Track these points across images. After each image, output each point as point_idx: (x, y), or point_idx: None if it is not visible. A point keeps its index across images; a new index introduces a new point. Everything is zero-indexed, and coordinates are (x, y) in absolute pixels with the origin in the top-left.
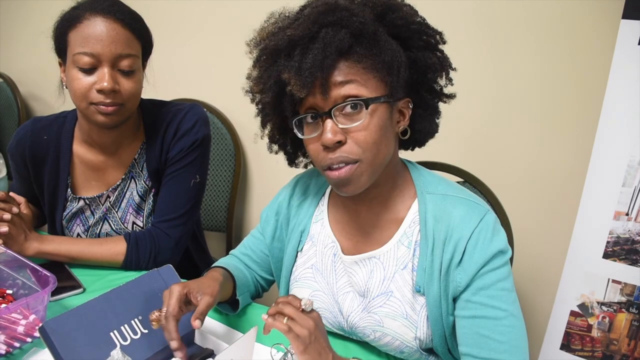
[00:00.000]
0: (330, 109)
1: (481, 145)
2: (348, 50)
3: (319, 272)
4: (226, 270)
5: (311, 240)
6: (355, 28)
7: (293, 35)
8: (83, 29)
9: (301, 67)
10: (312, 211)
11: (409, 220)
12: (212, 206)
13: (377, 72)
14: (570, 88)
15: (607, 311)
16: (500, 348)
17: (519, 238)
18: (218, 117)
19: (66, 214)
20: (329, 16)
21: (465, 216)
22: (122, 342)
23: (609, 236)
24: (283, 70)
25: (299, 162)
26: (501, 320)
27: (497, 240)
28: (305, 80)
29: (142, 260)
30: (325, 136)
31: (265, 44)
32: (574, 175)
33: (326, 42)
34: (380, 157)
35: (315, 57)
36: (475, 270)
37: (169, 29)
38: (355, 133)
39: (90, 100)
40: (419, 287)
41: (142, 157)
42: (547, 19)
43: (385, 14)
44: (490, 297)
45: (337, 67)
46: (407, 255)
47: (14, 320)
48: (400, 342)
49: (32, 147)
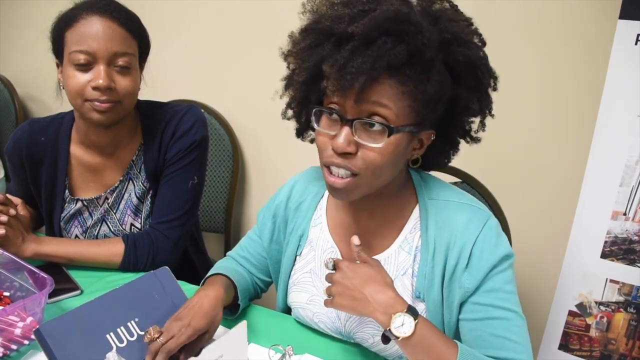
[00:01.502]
0: (354, 118)
1: (479, 146)
2: (398, 68)
3: (318, 277)
4: (227, 277)
5: (310, 245)
6: (415, 47)
7: (352, 30)
8: (79, 28)
9: (345, 66)
10: (310, 215)
11: (410, 226)
12: (210, 207)
13: (413, 101)
14: (568, 88)
15: (605, 311)
16: (517, 348)
17: (517, 238)
18: (216, 118)
19: (64, 215)
20: (395, 25)
21: (469, 222)
22: (119, 344)
23: (607, 236)
24: (327, 60)
25: (306, 136)
26: (512, 321)
27: (502, 243)
28: (344, 83)
29: (140, 261)
30: (337, 141)
31: (320, 18)
32: (571, 175)
33: (380, 52)
34: (380, 180)
35: (364, 63)
36: (484, 273)
37: (166, 30)
38: (368, 151)
39: (86, 97)
40: (418, 293)
41: (140, 159)
42: (545, 19)
43: (451, 43)
44: (499, 299)
45: (380, 81)
46: (407, 261)
47: (11, 323)
48: (398, 347)
49: (30, 148)
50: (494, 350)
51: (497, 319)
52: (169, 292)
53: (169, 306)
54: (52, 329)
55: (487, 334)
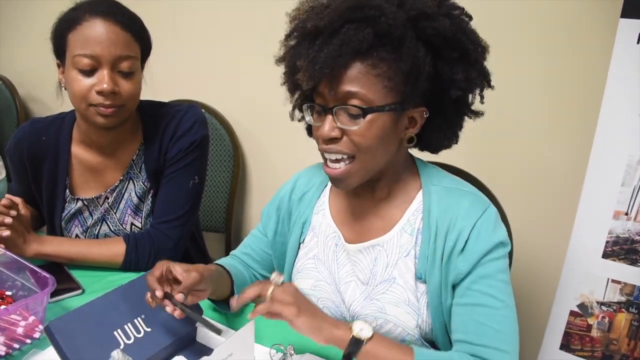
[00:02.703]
0: (333, 107)
1: (480, 144)
2: (366, 51)
3: (321, 262)
4: (222, 267)
5: (313, 231)
6: (381, 29)
7: (318, 25)
8: (82, 31)
9: (315, 59)
10: (313, 203)
11: (412, 209)
12: (211, 207)
13: (389, 81)
14: (569, 87)
15: (607, 311)
16: (497, 337)
17: (518, 237)
18: (216, 117)
19: (65, 215)
20: (357, 12)
21: (470, 207)
22: (126, 341)
23: (609, 236)
24: (299, 57)
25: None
26: (498, 310)
27: (499, 231)
28: (313, 74)
29: (141, 261)
30: (322, 129)
31: (297, 23)
32: (573, 175)
33: (345, 39)
34: (375, 161)
35: (330, 53)
36: (477, 258)
37: (167, 31)
38: (352, 135)
39: (90, 102)
40: (420, 274)
41: (140, 158)
42: (546, 18)
43: (418, 20)
44: (489, 286)
45: (350, 67)
46: (409, 242)
47: (13, 322)
48: (401, 329)
49: (31, 148)
50: (473, 336)
51: (482, 306)
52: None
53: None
54: (62, 326)
55: (471, 319)
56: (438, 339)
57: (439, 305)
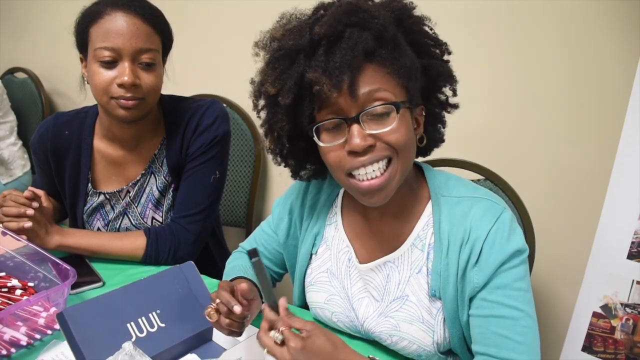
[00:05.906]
0: (358, 114)
1: (503, 143)
2: (372, 52)
3: (334, 276)
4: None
5: (325, 244)
6: (377, 31)
7: (316, 33)
8: (104, 24)
9: (328, 66)
10: (325, 214)
11: (422, 223)
12: (231, 202)
13: (399, 78)
14: (596, 86)
15: (631, 313)
16: (519, 349)
17: (541, 237)
18: (238, 112)
19: (87, 208)
20: (353, 16)
21: (482, 216)
22: (138, 334)
23: (634, 236)
24: (308, 70)
25: (303, 174)
26: (518, 320)
27: (514, 239)
28: (335, 80)
29: (161, 255)
30: (353, 142)
31: (280, 43)
32: (598, 174)
33: (352, 42)
34: (409, 161)
35: (344, 56)
36: (492, 270)
37: (189, 24)
38: (386, 137)
39: (111, 95)
40: (434, 292)
41: (162, 153)
42: (574, 16)
43: (402, 18)
44: (507, 296)
45: (364, 68)
46: (421, 258)
47: (35, 312)
48: (417, 346)
49: (54, 141)
50: (494, 349)
51: (502, 318)
52: (193, 287)
53: (191, 300)
54: (75, 314)
55: (490, 332)
56: (457, 350)
57: (457, 319)
